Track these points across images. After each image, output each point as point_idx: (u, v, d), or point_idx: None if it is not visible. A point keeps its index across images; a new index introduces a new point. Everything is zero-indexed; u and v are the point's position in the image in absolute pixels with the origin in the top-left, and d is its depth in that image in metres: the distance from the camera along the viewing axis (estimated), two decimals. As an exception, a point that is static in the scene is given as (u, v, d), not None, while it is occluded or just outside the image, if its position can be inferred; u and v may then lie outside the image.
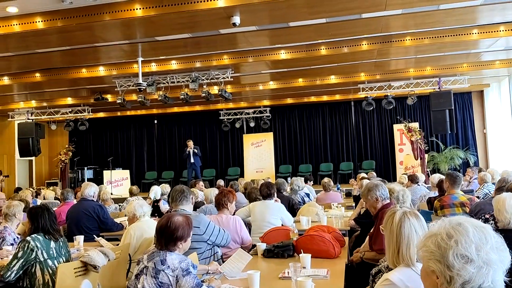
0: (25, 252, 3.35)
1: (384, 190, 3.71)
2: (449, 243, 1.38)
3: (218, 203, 4.31)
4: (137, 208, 4.49)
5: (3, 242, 4.55)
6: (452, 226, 1.42)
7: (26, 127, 14.77)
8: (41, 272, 3.36)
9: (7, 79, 11.12)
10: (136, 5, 6.83)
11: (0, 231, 4.66)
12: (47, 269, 3.36)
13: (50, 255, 3.43)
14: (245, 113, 16.83)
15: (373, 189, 3.73)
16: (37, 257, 3.37)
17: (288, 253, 3.46)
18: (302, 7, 6.87)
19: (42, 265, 3.37)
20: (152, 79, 11.23)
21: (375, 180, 4.12)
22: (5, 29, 7.45)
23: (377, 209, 3.70)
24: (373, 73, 12.41)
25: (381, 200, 3.71)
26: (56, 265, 3.38)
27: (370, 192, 3.73)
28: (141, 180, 17.08)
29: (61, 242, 3.57)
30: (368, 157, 16.33)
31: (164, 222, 2.81)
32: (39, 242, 3.41)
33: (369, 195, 3.72)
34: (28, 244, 3.37)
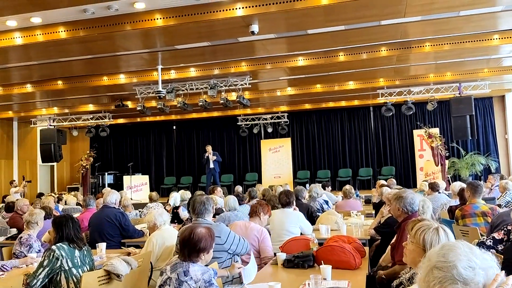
0: (50, 261, 3.40)
1: (413, 203, 3.69)
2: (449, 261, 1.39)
3: (253, 210, 4.43)
4: (157, 217, 4.56)
5: (30, 249, 4.67)
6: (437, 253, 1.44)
7: (48, 133, 15.07)
8: (66, 281, 3.41)
9: (30, 87, 11.37)
10: (157, 15, 6.95)
11: (26, 239, 4.77)
12: (71, 278, 3.42)
13: (75, 263, 3.49)
14: (262, 118, 16.88)
15: (403, 199, 3.71)
16: (62, 266, 3.42)
17: (308, 264, 3.47)
18: (319, 15, 6.89)
19: (67, 274, 3.43)
20: (172, 86, 11.37)
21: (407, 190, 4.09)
22: (29, 39, 7.65)
23: (401, 219, 3.68)
24: (392, 79, 12.33)
25: (408, 211, 3.69)
26: (80, 273, 3.44)
27: (398, 201, 3.71)
28: (160, 186, 17.26)
29: (85, 250, 3.64)
30: (387, 163, 16.19)
31: (187, 233, 2.85)
32: (64, 251, 3.47)
33: (398, 204, 3.70)
34: (53, 253, 3.43)
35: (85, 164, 15.99)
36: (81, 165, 16.03)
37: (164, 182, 17.67)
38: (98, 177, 16.87)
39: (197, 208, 3.74)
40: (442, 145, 13.62)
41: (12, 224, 6.98)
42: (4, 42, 7.74)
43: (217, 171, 14.25)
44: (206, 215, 3.75)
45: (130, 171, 15.83)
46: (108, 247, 5.05)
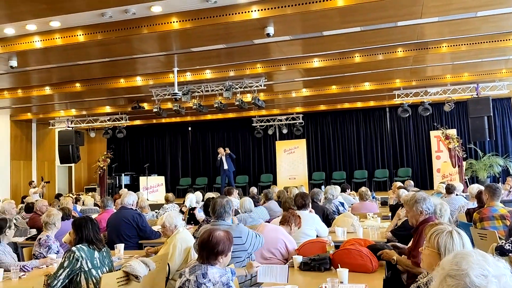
0: (70, 262, 3.45)
1: (430, 205, 3.67)
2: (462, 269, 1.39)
3: (285, 219, 4.48)
4: (177, 219, 4.54)
5: (49, 250, 4.75)
6: (450, 261, 1.44)
7: (66, 135, 15.29)
8: (86, 282, 3.46)
9: (49, 89, 11.57)
10: (173, 18, 7.02)
11: (45, 240, 4.84)
12: (91, 279, 3.47)
13: (94, 265, 3.53)
14: (277, 120, 16.88)
15: (421, 201, 3.68)
16: (81, 267, 3.46)
17: (325, 267, 3.47)
18: (335, 17, 6.89)
19: (86, 275, 3.47)
20: (187, 88, 11.45)
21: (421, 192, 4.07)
22: (48, 42, 7.79)
23: (418, 222, 3.67)
24: (408, 80, 12.23)
25: (425, 214, 3.67)
26: (99, 274, 3.49)
27: (417, 204, 3.68)
28: (175, 186, 17.39)
29: (105, 252, 3.69)
30: (404, 164, 16.06)
31: (206, 236, 2.88)
32: (83, 252, 3.52)
33: (415, 207, 3.68)
34: (73, 254, 3.48)
35: (102, 165, 16.18)
36: (98, 166, 16.23)
37: (179, 183, 17.80)
38: (115, 178, 17.07)
39: (217, 211, 3.77)
40: (460, 146, 13.46)
41: (32, 225, 7.10)
42: (24, 46, 7.90)
43: (232, 170, 14.26)
44: (226, 217, 3.79)
45: (146, 172, 15.98)
46: (126, 248, 5.11)
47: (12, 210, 7.28)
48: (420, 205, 3.65)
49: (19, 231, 6.73)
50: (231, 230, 3.62)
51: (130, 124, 16.38)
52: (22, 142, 16.06)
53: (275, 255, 4.12)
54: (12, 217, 6.48)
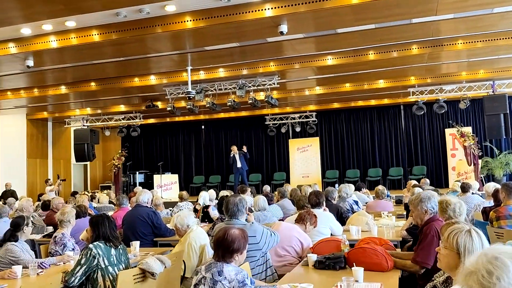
0: (87, 259, 3.49)
1: (435, 204, 3.64)
2: (491, 281, 1.37)
3: (300, 217, 4.48)
4: (189, 219, 4.54)
5: (64, 248, 4.81)
6: (489, 261, 1.41)
7: (81, 133, 15.47)
8: (103, 279, 3.50)
9: (64, 88, 11.71)
10: (187, 17, 7.05)
11: (60, 238, 4.90)
12: (108, 276, 3.51)
13: (111, 262, 3.57)
14: (290, 118, 16.85)
15: (425, 200, 3.66)
16: (98, 264, 3.50)
17: (340, 265, 3.46)
18: (349, 15, 6.85)
19: (103, 272, 3.52)
20: (201, 86, 11.50)
21: (428, 191, 4.04)
22: (63, 42, 7.88)
23: (423, 221, 3.65)
24: (423, 77, 12.11)
25: (430, 214, 3.64)
26: (116, 271, 3.53)
27: (421, 203, 3.66)
28: (189, 184, 17.49)
29: (121, 249, 3.73)
30: (419, 162, 15.93)
31: (221, 234, 2.91)
32: (100, 250, 3.56)
33: (419, 206, 3.66)
34: (90, 251, 3.52)
35: (117, 163, 16.34)
36: (113, 164, 16.39)
37: (193, 181, 17.88)
38: (129, 176, 17.23)
39: (230, 209, 3.79)
40: (475, 144, 13.31)
41: (48, 222, 7.20)
42: (40, 46, 8.00)
43: (245, 169, 14.28)
44: (239, 215, 3.80)
45: (160, 170, 16.09)
46: (141, 246, 5.15)
47: (29, 208, 7.39)
48: (425, 204, 3.62)
49: (36, 228, 6.83)
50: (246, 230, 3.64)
51: (144, 123, 16.51)
52: (38, 140, 16.28)
53: (289, 253, 4.13)
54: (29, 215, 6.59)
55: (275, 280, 3.74)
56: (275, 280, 3.74)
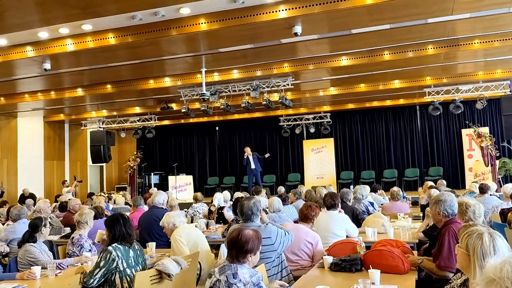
0: (106, 262, 3.51)
1: (453, 205, 3.61)
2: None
3: (305, 216, 4.47)
4: (175, 218, 4.75)
5: (81, 249, 4.87)
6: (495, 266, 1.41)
7: (97, 135, 15.62)
8: (120, 281, 3.53)
9: (81, 91, 11.85)
10: (201, 19, 7.08)
11: (77, 239, 4.96)
12: (125, 278, 3.54)
13: (129, 264, 3.59)
14: (305, 119, 16.81)
15: (443, 202, 3.63)
16: (117, 267, 3.52)
17: (356, 268, 3.45)
18: (364, 15, 6.81)
19: (121, 274, 3.54)
20: (215, 88, 11.54)
21: (447, 193, 4.00)
22: (80, 45, 7.97)
23: (441, 223, 3.61)
24: (439, 77, 11.98)
25: (447, 215, 3.61)
26: (133, 273, 3.55)
27: (438, 204, 3.63)
28: (203, 186, 17.56)
29: (138, 250, 3.76)
30: (435, 163, 15.75)
31: (235, 235, 2.93)
32: (120, 252, 3.57)
33: (437, 208, 3.63)
34: (109, 254, 3.54)
35: (133, 165, 16.48)
36: (128, 165, 16.54)
37: (207, 182, 17.94)
38: (144, 177, 17.37)
39: (245, 213, 3.80)
40: (492, 144, 13.11)
41: (65, 223, 7.31)
42: (57, 49, 8.10)
43: (259, 171, 14.27)
44: (254, 219, 3.81)
45: (175, 172, 16.18)
46: (157, 247, 5.20)
47: (47, 209, 7.49)
48: (443, 206, 3.60)
49: (53, 229, 6.93)
50: (260, 231, 3.64)
51: (159, 124, 16.62)
52: (55, 142, 16.51)
53: (300, 257, 4.12)
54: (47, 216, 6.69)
55: (291, 281, 3.75)
56: (291, 281, 3.75)
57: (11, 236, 5.68)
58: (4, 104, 12.61)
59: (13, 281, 3.79)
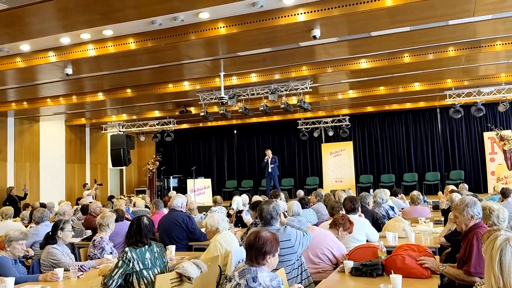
0: (123, 262, 3.55)
1: (480, 209, 3.54)
2: None
3: (334, 222, 4.45)
4: (220, 222, 4.67)
5: (103, 252, 4.92)
6: None
7: (117, 139, 15.83)
8: (137, 282, 3.55)
9: (102, 95, 12.02)
10: (220, 23, 7.12)
11: (99, 242, 5.01)
12: (142, 279, 3.55)
13: (145, 265, 3.60)
14: (323, 122, 16.73)
15: (472, 206, 3.57)
16: (133, 268, 3.55)
17: (377, 273, 3.41)
18: (384, 17, 6.76)
19: (138, 275, 3.56)
20: (233, 92, 11.58)
21: (470, 196, 3.93)
22: (101, 50, 8.08)
23: (468, 227, 3.54)
24: (460, 79, 11.80)
25: (475, 219, 3.54)
26: (150, 275, 3.57)
27: (468, 208, 3.56)
28: (222, 189, 17.60)
29: (157, 253, 3.75)
30: (456, 167, 15.50)
31: (252, 237, 2.93)
32: (135, 253, 3.60)
33: (465, 211, 3.56)
34: (125, 254, 3.58)
35: (152, 168, 16.63)
36: (148, 169, 16.70)
37: (225, 186, 17.99)
38: (163, 180, 17.49)
39: (265, 217, 3.80)
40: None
41: (87, 226, 7.40)
42: (78, 54, 8.23)
43: (276, 174, 14.22)
44: (273, 222, 3.81)
45: (194, 175, 16.27)
46: (176, 250, 5.22)
47: (69, 211, 7.60)
48: (471, 209, 3.54)
49: (75, 232, 7.02)
50: (280, 234, 3.63)
51: (177, 128, 16.74)
52: (77, 146, 16.77)
53: (323, 260, 4.10)
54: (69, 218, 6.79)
55: (310, 284, 3.73)
56: (310, 284, 3.73)
57: (34, 239, 5.77)
58: (26, 108, 12.86)
59: (37, 283, 3.85)
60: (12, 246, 4.28)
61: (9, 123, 14.11)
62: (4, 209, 7.36)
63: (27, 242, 5.77)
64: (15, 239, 4.28)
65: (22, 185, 13.61)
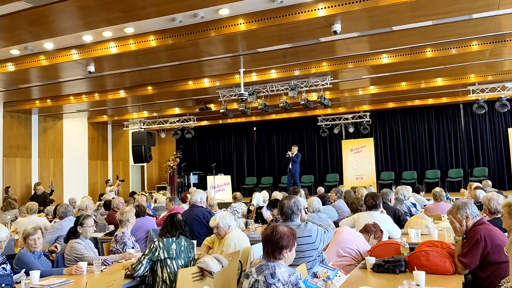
0: (150, 250, 3.86)
1: (474, 208, 3.57)
2: None
3: (365, 229, 4.47)
4: (229, 221, 4.65)
5: (124, 247, 4.99)
6: None
7: (139, 136, 16.01)
8: (161, 270, 3.79)
9: (123, 93, 12.16)
10: (240, 20, 7.12)
11: (120, 237, 5.09)
12: (166, 267, 3.79)
13: (170, 255, 3.84)
14: (343, 118, 16.60)
15: (463, 207, 3.60)
16: (158, 256, 3.82)
17: (400, 269, 3.37)
18: (406, 12, 6.65)
19: (162, 264, 3.81)
20: (253, 88, 11.58)
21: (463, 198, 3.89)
22: (122, 48, 8.18)
23: (469, 227, 3.52)
24: (484, 74, 11.55)
25: (472, 218, 3.54)
26: (174, 265, 3.77)
27: (460, 210, 3.59)
28: (241, 186, 17.63)
29: (183, 246, 3.95)
30: (479, 163, 15.20)
31: (269, 232, 2.93)
32: (162, 243, 3.88)
33: (459, 213, 3.57)
34: (153, 243, 3.90)
35: (172, 165, 16.79)
36: (168, 165, 16.86)
37: (245, 182, 18.02)
38: (184, 177, 17.63)
39: (285, 213, 3.79)
40: (542, 144, 12.54)
41: (109, 221, 7.52)
42: (100, 52, 8.34)
43: (297, 171, 14.16)
44: (294, 218, 3.80)
45: (213, 171, 16.35)
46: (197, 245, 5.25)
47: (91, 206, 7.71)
48: (463, 210, 3.56)
49: (98, 227, 7.15)
50: (301, 230, 3.63)
51: (197, 125, 16.83)
52: (99, 143, 17.03)
53: (350, 254, 4.08)
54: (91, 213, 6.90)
55: (332, 280, 3.70)
56: (332, 280, 3.70)
57: (59, 233, 5.88)
58: (50, 106, 13.11)
59: (61, 276, 3.92)
60: (26, 241, 4.39)
61: (33, 121, 14.40)
62: (28, 204, 7.52)
63: (52, 237, 5.93)
64: (28, 234, 4.38)
65: (47, 181, 13.90)
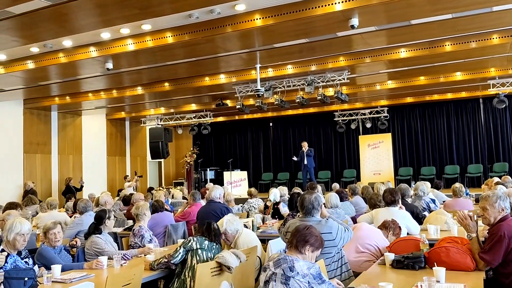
0: (185, 243, 4.12)
1: (509, 202, 3.51)
2: None
3: (384, 225, 4.45)
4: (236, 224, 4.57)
5: (142, 239, 5.05)
6: None
7: (156, 132, 16.15)
8: (191, 258, 4.00)
9: (140, 89, 12.27)
10: (256, 15, 7.10)
11: (138, 230, 5.15)
12: (195, 256, 3.99)
13: (202, 246, 4.06)
14: (361, 113, 16.47)
15: (504, 199, 3.52)
16: (191, 246, 4.06)
17: (419, 265, 3.34)
18: (425, 5, 6.56)
19: (193, 253, 4.01)
20: (269, 84, 11.56)
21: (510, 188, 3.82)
22: (140, 45, 8.24)
23: (496, 220, 3.46)
24: (505, 68, 11.33)
25: (504, 212, 3.48)
26: (204, 255, 4.01)
27: (500, 201, 3.50)
28: (258, 181, 17.66)
29: (213, 247, 4.16)
30: (500, 159, 14.95)
31: (302, 227, 3.00)
32: (196, 238, 4.16)
33: (497, 203, 3.49)
34: (189, 238, 4.21)
35: (189, 160, 16.89)
36: (185, 161, 16.97)
37: (261, 178, 18.04)
38: (200, 172, 17.72)
39: (306, 207, 3.78)
40: None
41: (128, 216, 7.60)
42: (118, 49, 8.42)
43: (312, 166, 14.10)
44: (314, 213, 3.79)
45: (230, 167, 16.39)
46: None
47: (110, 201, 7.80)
48: (503, 202, 3.48)
49: (117, 222, 7.23)
50: (321, 226, 3.62)
51: (214, 121, 16.89)
52: (117, 139, 17.22)
53: (369, 250, 4.05)
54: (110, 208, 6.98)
55: (350, 277, 3.69)
56: (350, 277, 3.69)
57: (79, 228, 5.96)
58: (69, 103, 13.30)
59: (82, 271, 3.98)
60: (47, 236, 4.46)
61: (53, 117, 14.64)
62: (49, 200, 7.63)
63: (72, 231, 6.01)
64: (48, 229, 4.45)
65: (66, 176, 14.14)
